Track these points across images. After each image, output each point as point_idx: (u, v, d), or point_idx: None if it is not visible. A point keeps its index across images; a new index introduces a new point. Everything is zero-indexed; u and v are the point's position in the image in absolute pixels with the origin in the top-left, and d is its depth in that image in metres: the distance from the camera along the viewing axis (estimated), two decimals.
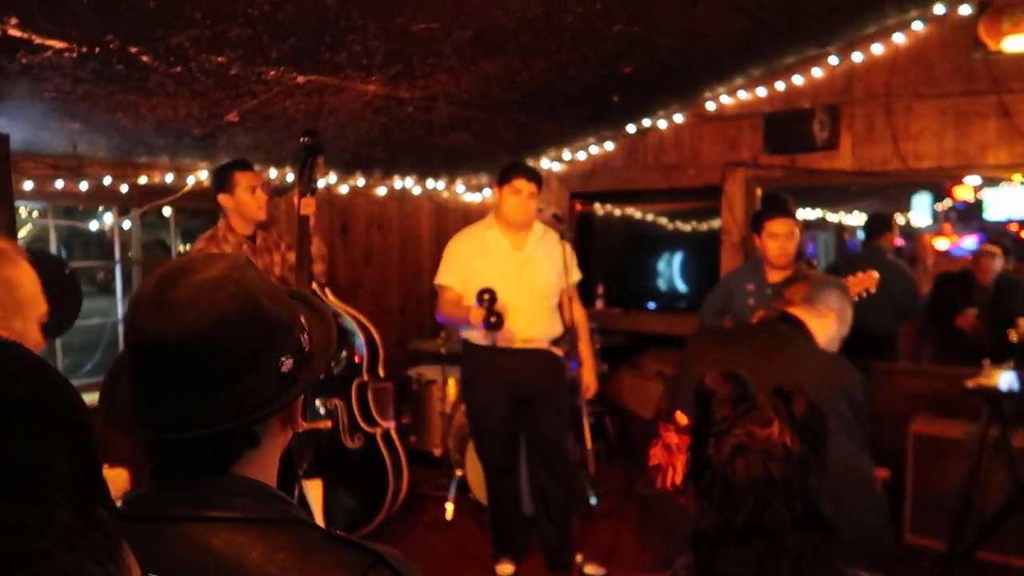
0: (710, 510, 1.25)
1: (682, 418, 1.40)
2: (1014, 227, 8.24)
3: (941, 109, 4.12)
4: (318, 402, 3.60)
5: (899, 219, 10.82)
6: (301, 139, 3.46)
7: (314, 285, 3.58)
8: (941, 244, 7.82)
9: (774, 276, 3.69)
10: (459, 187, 5.74)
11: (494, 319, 3.20)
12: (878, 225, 5.14)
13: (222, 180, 3.47)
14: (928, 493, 3.85)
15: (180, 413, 0.91)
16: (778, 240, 3.56)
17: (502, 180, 3.50)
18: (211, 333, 0.90)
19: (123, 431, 0.96)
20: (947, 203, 9.34)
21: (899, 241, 10.88)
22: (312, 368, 1.01)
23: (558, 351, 3.58)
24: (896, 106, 4.23)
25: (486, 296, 3.23)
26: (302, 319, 1.03)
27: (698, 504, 1.30)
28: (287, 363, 0.96)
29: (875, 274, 3.23)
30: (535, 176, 3.51)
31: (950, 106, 4.10)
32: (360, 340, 3.64)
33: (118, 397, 0.98)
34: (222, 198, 3.46)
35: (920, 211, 10.37)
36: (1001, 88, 3.94)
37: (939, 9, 4.03)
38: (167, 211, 4.31)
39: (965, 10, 3.97)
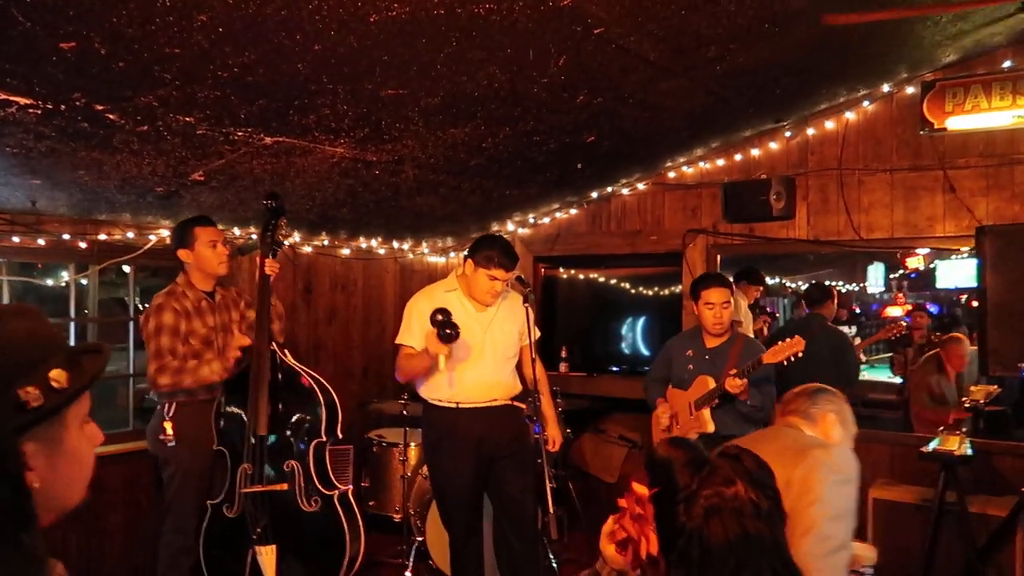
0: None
1: (641, 488, 1.40)
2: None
3: (891, 183, 4.30)
4: (274, 464, 3.52)
5: (854, 287, 11.13)
6: (264, 202, 3.52)
7: (274, 345, 3.55)
8: (894, 311, 8.06)
9: (711, 342, 3.81)
10: (424, 248, 5.77)
11: (449, 331, 3.12)
12: (819, 295, 5.32)
13: (182, 236, 3.49)
14: (889, 559, 3.85)
15: None
16: (714, 309, 3.71)
17: (480, 259, 3.40)
18: None
19: None
20: (900, 272, 9.64)
21: (855, 308, 11.18)
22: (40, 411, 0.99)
23: (522, 406, 3.56)
24: (848, 179, 4.39)
25: (439, 316, 3.15)
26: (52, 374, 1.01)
27: (673, 573, 1.29)
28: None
29: (800, 340, 3.34)
30: (514, 264, 3.46)
31: (899, 180, 4.27)
32: (319, 402, 3.59)
33: None
34: (182, 254, 3.48)
35: (874, 280, 10.69)
36: (946, 164, 4.13)
37: (886, 88, 4.24)
38: (127, 269, 4.27)
39: (911, 90, 4.18)
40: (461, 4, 2.32)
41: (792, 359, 3.37)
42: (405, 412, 4.52)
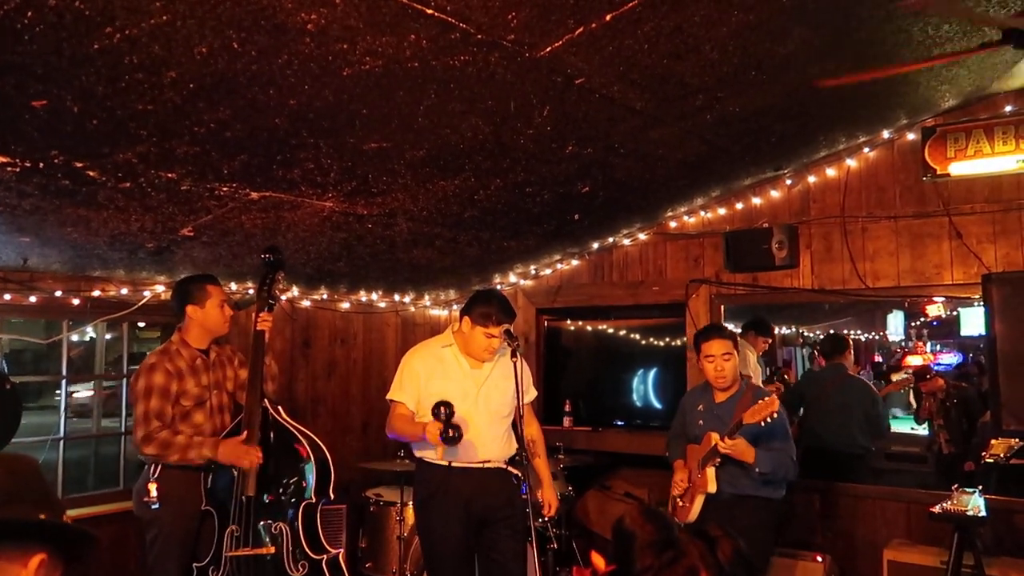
0: None
1: (599, 562, 1.30)
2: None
3: (895, 230, 4.20)
4: (262, 526, 3.41)
5: (874, 336, 10.90)
6: (262, 255, 3.51)
7: (266, 402, 3.49)
8: (914, 360, 7.80)
9: (720, 396, 3.70)
10: (427, 301, 5.73)
11: (452, 433, 3.05)
12: (834, 346, 5.21)
13: (193, 292, 3.48)
14: None
15: None
16: (714, 361, 3.62)
17: (476, 316, 3.35)
18: None
19: None
20: (920, 320, 9.41)
21: (876, 357, 10.91)
22: None
23: (516, 471, 3.45)
24: (852, 227, 4.31)
25: (443, 409, 3.09)
26: None
27: None
28: None
29: (775, 400, 3.29)
30: (512, 319, 3.42)
31: (904, 227, 4.18)
32: (311, 461, 3.49)
33: None
34: (191, 309, 3.46)
35: (894, 329, 10.45)
36: (952, 210, 4.03)
37: (887, 135, 4.17)
38: (139, 324, 4.26)
39: (911, 136, 4.11)
40: (435, 56, 2.31)
41: (769, 419, 3.28)
42: (401, 470, 4.41)
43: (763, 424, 3.28)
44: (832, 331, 8.14)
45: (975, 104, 3.93)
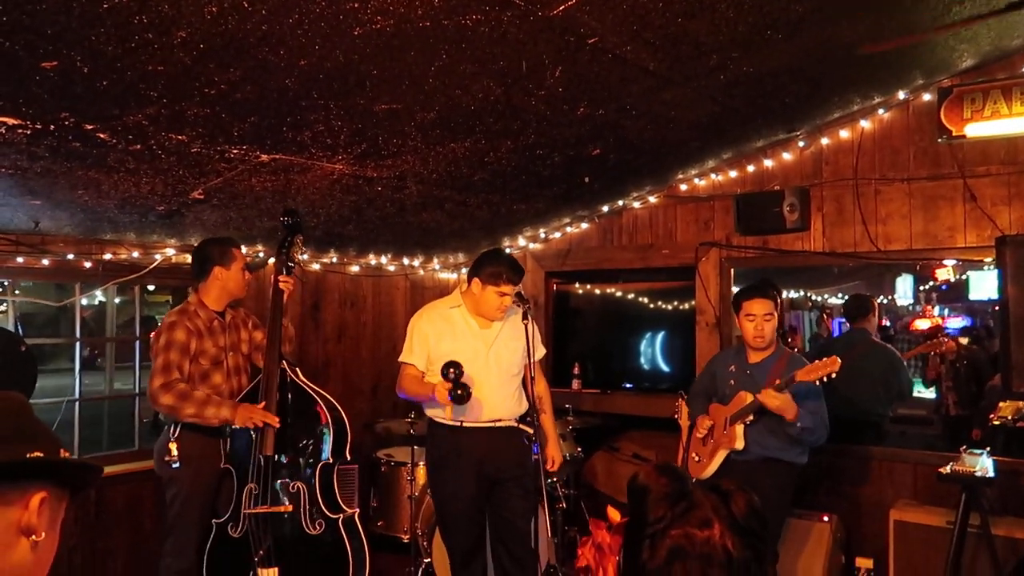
0: None
1: (615, 514, 1.32)
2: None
3: (909, 192, 4.16)
4: (279, 484, 3.47)
5: (883, 300, 10.88)
6: (281, 218, 3.54)
7: (284, 364, 3.52)
8: (922, 324, 7.79)
9: (754, 357, 3.65)
10: (435, 265, 5.73)
11: (461, 392, 3.11)
12: (859, 308, 5.14)
13: (221, 253, 3.53)
14: None
15: None
16: (755, 320, 3.56)
17: (486, 276, 3.38)
18: None
19: None
20: (930, 284, 9.38)
21: (884, 321, 10.91)
22: None
23: (527, 428, 3.48)
24: (864, 189, 4.27)
25: (451, 370, 3.13)
26: None
27: None
28: None
29: (836, 360, 3.21)
30: (521, 276, 3.45)
31: (917, 190, 4.14)
32: (328, 423, 3.53)
33: None
34: (218, 270, 3.51)
35: (903, 292, 10.43)
36: (966, 172, 3.99)
37: (902, 96, 4.11)
38: (149, 287, 4.28)
39: (927, 96, 4.05)
40: (447, 15, 2.27)
41: (827, 379, 3.24)
42: (412, 431, 4.46)
43: (818, 383, 3.24)
44: (855, 294, 8.09)
45: (992, 64, 3.87)
